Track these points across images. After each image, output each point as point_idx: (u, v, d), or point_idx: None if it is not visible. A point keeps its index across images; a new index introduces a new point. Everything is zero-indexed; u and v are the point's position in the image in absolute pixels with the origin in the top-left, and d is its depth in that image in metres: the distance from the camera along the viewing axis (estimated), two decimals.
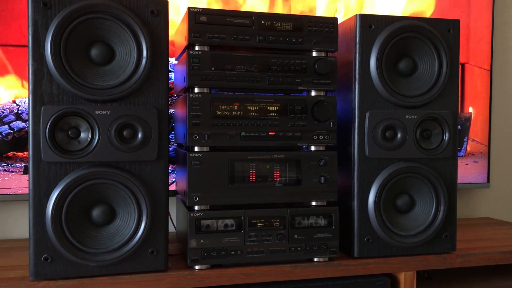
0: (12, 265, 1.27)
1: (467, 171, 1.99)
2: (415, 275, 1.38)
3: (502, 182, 2.12)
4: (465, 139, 2.00)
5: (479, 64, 2.02)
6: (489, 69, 2.03)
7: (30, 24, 1.11)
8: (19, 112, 1.56)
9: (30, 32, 1.11)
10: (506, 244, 1.57)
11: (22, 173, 1.57)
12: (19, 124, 1.56)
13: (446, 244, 1.41)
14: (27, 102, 1.55)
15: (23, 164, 1.57)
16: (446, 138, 1.38)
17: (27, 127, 1.56)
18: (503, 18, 2.09)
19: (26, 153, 1.57)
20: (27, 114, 1.56)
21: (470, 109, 2.01)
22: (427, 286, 1.51)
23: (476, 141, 2.02)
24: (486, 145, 2.03)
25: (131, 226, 1.17)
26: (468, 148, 2.00)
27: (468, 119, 2.01)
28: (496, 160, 2.09)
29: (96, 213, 1.16)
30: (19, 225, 1.63)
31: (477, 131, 2.02)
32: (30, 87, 1.11)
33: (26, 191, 1.56)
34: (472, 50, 2.00)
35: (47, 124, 1.11)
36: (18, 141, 1.56)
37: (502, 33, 2.10)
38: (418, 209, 1.39)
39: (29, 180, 1.13)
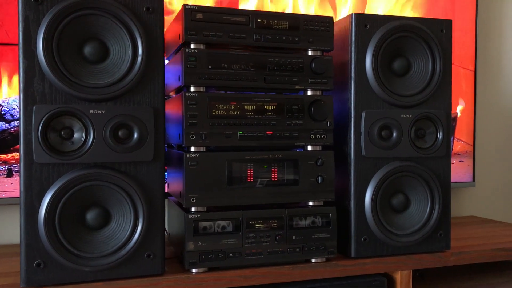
0: (0, 272, 1.22)
1: (453, 170, 2.00)
2: (411, 274, 1.38)
3: (486, 181, 2.16)
4: (452, 139, 2.02)
5: (464, 65, 2.05)
6: (473, 70, 2.06)
7: (20, 20, 1.06)
8: (2, 112, 1.50)
9: (20, 28, 1.06)
10: (496, 241, 1.59)
11: (5, 176, 1.51)
12: (2, 125, 1.50)
13: (440, 243, 1.41)
14: (10, 102, 1.50)
15: (6, 166, 1.51)
16: (440, 137, 1.39)
17: (10, 128, 1.50)
18: (486, 20, 2.13)
19: (9, 155, 1.51)
20: (11, 114, 1.50)
21: (461, 104, 2.04)
22: (422, 285, 1.52)
23: (462, 141, 2.04)
24: (471, 145, 2.06)
25: (126, 229, 1.14)
26: (454, 148, 2.03)
27: (454, 118, 2.03)
28: (480, 159, 2.12)
29: (90, 216, 1.12)
30: (3, 231, 1.57)
31: (462, 130, 2.04)
32: (21, 85, 1.07)
33: (10, 194, 1.50)
34: (457, 51, 2.03)
35: (39, 124, 1.06)
36: (1, 143, 1.50)
37: (485, 35, 2.13)
38: (413, 208, 1.39)
39: (20, 183, 1.08)
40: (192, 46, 1.20)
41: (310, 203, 1.31)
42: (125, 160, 1.13)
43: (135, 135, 1.13)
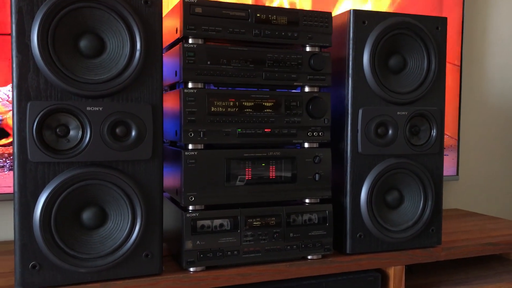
0: None
1: None
2: (403, 270, 1.40)
3: (470, 174, 2.20)
4: None
5: (450, 60, 2.07)
6: (459, 64, 2.09)
7: (13, 11, 1.01)
8: None
9: (13, 20, 1.01)
10: (483, 235, 1.62)
11: None
12: None
13: (432, 238, 1.43)
14: None
15: None
16: (434, 134, 1.41)
17: None
18: (471, 15, 2.15)
19: None
20: None
21: None
22: (412, 279, 1.54)
23: (447, 135, 2.07)
24: (456, 139, 2.09)
25: (124, 228, 1.11)
26: None
27: None
28: (464, 153, 2.16)
29: (87, 215, 1.09)
30: None
31: (448, 125, 2.07)
32: (14, 81, 1.02)
33: None
34: None
35: (34, 121, 1.02)
36: None
37: (470, 30, 2.16)
38: (407, 204, 1.41)
39: (14, 182, 1.03)
40: (191, 40, 1.17)
41: (307, 200, 1.31)
42: (122, 158, 1.10)
43: (133, 133, 1.10)
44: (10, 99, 1.44)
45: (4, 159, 1.46)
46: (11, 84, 1.02)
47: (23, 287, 1.04)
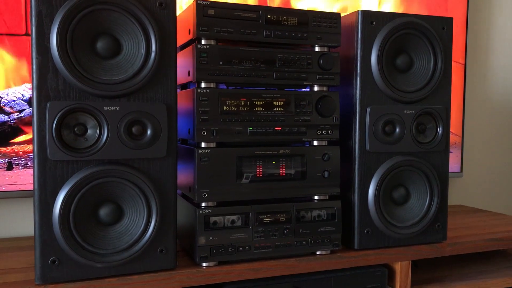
0: (8, 268, 1.21)
1: None
2: (410, 265, 1.43)
3: (473, 171, 2.23)
4: None
5: (454, 58, 2.09)
6: (464, 63, 2.11)
7: (33, 14, 1.04)
8: (1, 104, 1.47)
9: (33, 23, 1.04)
10: (487, 231, 1.65)
11: (5, 169, 1.48)
12: (1, 117, 1.47)
13: (438, 234, 1.47)
14: (10, 94, 1.47)
15: (6, 160, 1.48)
16: (440, 132, 1.44)
17: (10, 120, 1.47)
18: (476, 13, 2.18)
19: (9, 148, 1.48)
20: (10, 107, 1.47)
21: None
22: (419, 274, 1.57)
23: (451, 133, 2.10)
24: (460, 136, 2.12)
25: (140, 225, 1.14)
26: None
27: None
28: (468, 150, 2.19)
29: (103, 212, 1.12)
30: (1, 224, 1.55)
31: (452, 122, 2.10)
32: (34, 82, 1.05)
33: (10, 188, 1.48)
34: None
35: (54, 121, 1.05)
36: (1, 135, 1.47)
37: (474, 28, 2.18)
38: (413, 201, 1.44)
39: (34, 180, 1.07)
40: (203, 41, 1.20)
41: (316, 197, 1.34)
42: (138, 157, 1.13)
43: (149, 132, 1.13)
44: (24, 98, 1.47)
45: (19, 157, 1.49)
46: (27, 85, 1.05)
47: (43, 281, 1.07)
